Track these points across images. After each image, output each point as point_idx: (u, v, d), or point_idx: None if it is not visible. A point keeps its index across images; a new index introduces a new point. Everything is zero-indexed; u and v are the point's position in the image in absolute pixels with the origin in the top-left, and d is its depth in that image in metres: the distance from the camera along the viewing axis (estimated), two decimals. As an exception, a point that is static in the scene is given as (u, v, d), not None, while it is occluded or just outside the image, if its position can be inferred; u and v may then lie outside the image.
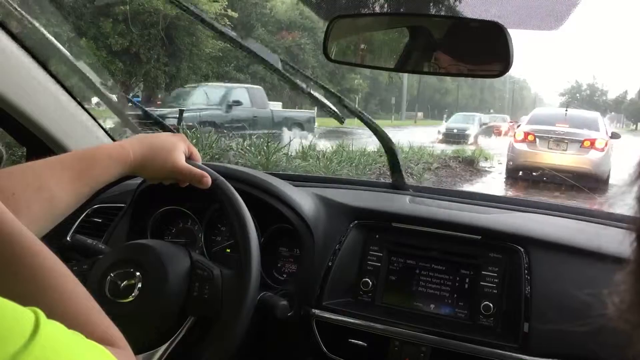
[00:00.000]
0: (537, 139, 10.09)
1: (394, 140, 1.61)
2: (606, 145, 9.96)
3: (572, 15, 1.10)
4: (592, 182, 9.28)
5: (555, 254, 1.21)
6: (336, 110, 1.49)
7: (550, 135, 10.09)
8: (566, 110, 11.73)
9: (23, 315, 0.43)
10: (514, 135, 11.02)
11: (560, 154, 9.89)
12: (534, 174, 9.63)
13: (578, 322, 0.47)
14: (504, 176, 10.71)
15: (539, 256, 1.20)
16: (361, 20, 1.39)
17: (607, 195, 9.04)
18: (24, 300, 0.46)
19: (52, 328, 0.44)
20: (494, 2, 1.09)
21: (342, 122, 1.58)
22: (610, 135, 10.56)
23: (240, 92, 13.63)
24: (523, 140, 10.28)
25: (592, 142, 9.89)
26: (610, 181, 9.64)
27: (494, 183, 10.78)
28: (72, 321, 0.53)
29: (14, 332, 0.40)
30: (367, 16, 1.48)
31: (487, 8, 1.12)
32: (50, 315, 0.45)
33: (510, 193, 9.81)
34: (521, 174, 10.22)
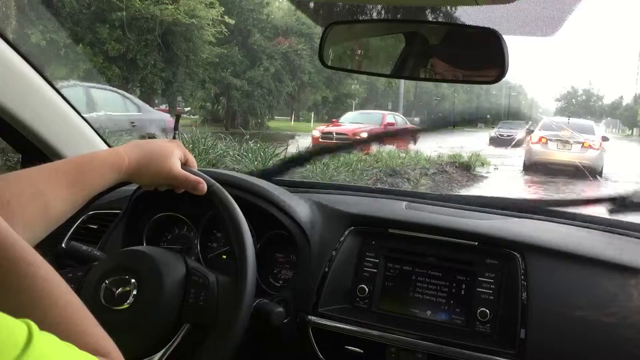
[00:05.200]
0: (549, 141, 13.25)
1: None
2: (600, 145, 13.19)
3: (568, 21, 1.11)
4: (590, 173, 12.28)
5: (552, 260, 1.21)
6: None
7: (558, 139, 13.26)
8: (569, 119, 15.93)
9: (15, 328, 0.42)
10: (530, 138, 14.30)
11: (566, 152, 13.11)
12: (547, 167, 13.02)
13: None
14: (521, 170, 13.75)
15: (536, 262, 1.20)
16: (357, 26, 1.39)
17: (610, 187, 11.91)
18: (17, 309, 0.45)
19: (44, 340, 0.44)
20: (489, 9, 1.09)
21: None
22: (602, 138, 13.89)
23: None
24: (537, 142, 13.48)
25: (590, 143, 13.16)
26: (604, 173, 13.11)
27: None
28: (65, 332, 0.52)
29: (7, 345, 0.40)
30: (363, 22, 1.48)
31: (482, 14, 1.13)
32: (43, 325, 0.45)
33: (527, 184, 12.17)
34: (535, 168, 13.27)
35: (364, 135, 14.86)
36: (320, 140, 14.57)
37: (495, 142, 21.41)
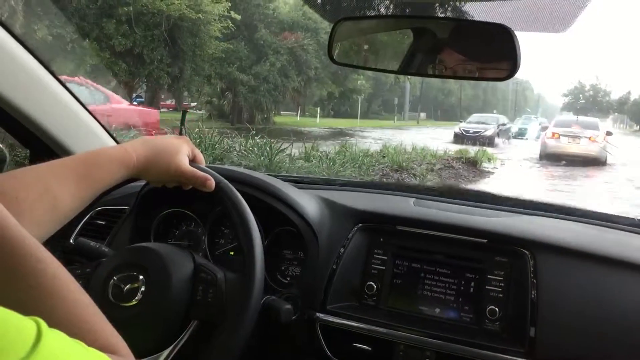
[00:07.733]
0: (561, 137, 16.29)
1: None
2: (604, 139, 16.63)
3: (579, 18, 1.09)
4: (595, 163, 15.58)
5: (562, 257, 1.20)
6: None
7: (569, 134, 16.32)
8: (577, 117, 19.32)
9: (25, 326, 0.42)
10: (545, 134, 17.38)
11: (576, 145, 16.15)
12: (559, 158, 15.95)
13: None
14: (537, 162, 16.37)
15: (546, 260, 1.19)
16: (366, 22, 1.38)
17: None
18: (26, 306, 0.45)
19: (54, 338, 0.43)
20: (500, 4, 1.08)
21: None
22: (606, 132, 17.37)
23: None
24: (552, 137, 16.52)
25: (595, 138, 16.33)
26: (608, 162, 16.18)
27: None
28: (74, 328, 0.52)
29: (16, 343, 0.40)
30: (372, 18, 1.47)
31: (493, 10, 1.11)
32: (52, 322, 0.44)
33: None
34: (550, 159, 16.21)
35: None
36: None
37: (459, 139, 19.26)
